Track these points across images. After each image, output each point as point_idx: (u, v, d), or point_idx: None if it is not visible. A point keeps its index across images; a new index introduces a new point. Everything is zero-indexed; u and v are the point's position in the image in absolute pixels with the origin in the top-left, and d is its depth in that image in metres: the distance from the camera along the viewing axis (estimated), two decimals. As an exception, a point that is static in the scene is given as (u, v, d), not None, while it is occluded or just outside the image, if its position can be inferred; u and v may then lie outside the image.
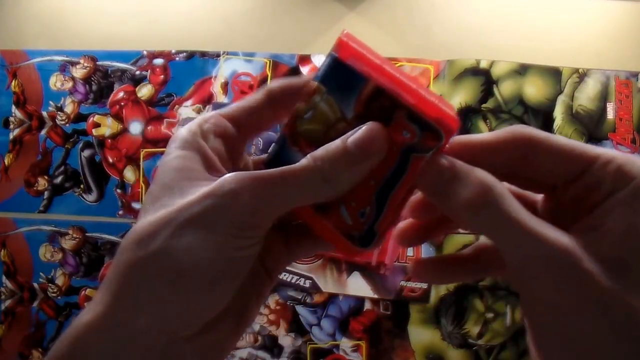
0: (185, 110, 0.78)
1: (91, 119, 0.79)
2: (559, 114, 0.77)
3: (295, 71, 0.79)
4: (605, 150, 0.21)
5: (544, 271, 0.20)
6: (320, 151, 0.23)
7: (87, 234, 0.78)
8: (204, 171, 0.24)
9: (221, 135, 0.26)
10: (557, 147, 0.22)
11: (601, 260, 0.19)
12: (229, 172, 0.23)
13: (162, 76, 0.79)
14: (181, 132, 0.25)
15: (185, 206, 0.22)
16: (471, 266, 0.26)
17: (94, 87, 0.80)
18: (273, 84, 0.27)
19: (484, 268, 0.26)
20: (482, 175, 0.21)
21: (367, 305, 0.75)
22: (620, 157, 0.21)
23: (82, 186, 0.79)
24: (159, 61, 0.79)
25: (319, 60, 0.79)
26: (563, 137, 0.22)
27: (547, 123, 0.77)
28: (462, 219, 0.22)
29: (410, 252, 0.74)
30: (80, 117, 0.79)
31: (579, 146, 0.22)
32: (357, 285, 0.74)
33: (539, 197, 0.25)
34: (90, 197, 0.78)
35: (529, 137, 0.22)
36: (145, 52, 0.80)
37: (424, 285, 0.74)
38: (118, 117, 0.79)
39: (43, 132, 0.79)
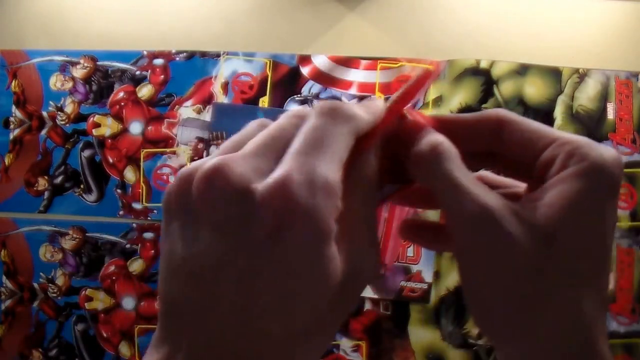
0: (186, 110, 0.78)
1: (91, 119, 0.79)
2: (559, 114, 0.77)
3: (295, 71, 0.79)
4: (567, 134, 0.22)
5: (467, 226, 0.21)
6: None
7: (87, 234, 0.78)
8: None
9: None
10: (526, 127, 0.23)
11: (530, 228, 0.20)
12: None
13: (162, 76, 0.79)
14: (327, 225, 0.19)
15: None
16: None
17: (94, 87, 0.80)
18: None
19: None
20: (436, 135, 0.23)
21: (367, 305, 0.75)
22: (578, 141, 0.21)
23: (82, 186, 0.79)
24: (159, 61, 0.79)
25: (319, 60, 0.79)
26: (535, 121, 0.24)
27: (547, 123, 0.76)
28: (414, 169, 0.23)
29: (410, 252, 0.74)
30: (81, 117, 0.79)
31: (545, 128, 0.23)
32: (357, 286, 0.74)
33: (524, 186, 0.26)
34: (91, 197, 0.78)
35: (502, 117, 0.24)
36: (145, 52, 0.80)
37: (424, 286, 0.74)
38: (118, 117, 0.79)
39: (43, 132, 0.80)
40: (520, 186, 0.26)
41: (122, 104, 0.79)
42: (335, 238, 0.20)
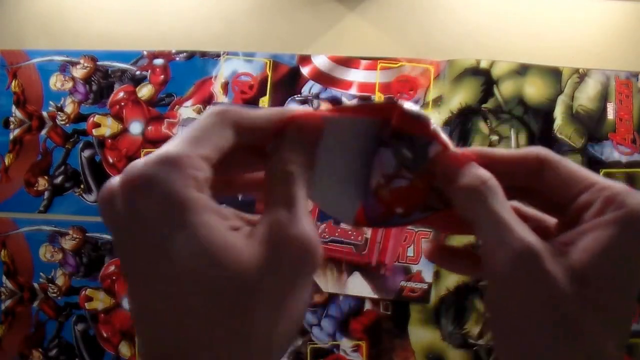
0: (186, 110, 0.78)
1: (91, 119, 0.79)
2: (559, 114, 0.77)
3: (295, 71, 0.79)
4: (606, 180, 0.23)
5: (510, 261, 0.22)
6: None
7: (87, 234, 0.78)
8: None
9: (209, 182, 0.22)
10: (566, 169, 0.24)
11: (566, 269, 0.21)
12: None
13: (162, 76, 0.79)
14: (180, 195, 0.20)
15: None
16: (475, 261, 0.28)
17: (94, 87, 0.80)
18: (228, 111, 0.24)
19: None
20: (483, 171, 0.24)
21: (367, 306, 0.75)
22: (617, 187, 0.22)
23: (82, 186, 0.79)
24: (159, 61, 0.79)
25: (319, 60, 0.79)
26: (574, 162, 0.25)
27: (547, 123, 0.77)
28: (457, 200, 0.24)
29: (410, 252, 0.74)
30: (81, 117, 0.79)
31: (584, 171, 0.24)
32: (357, 285, 0.74)
33: (554, 221, 0.27)
34: (91, 197, 0.78)
35: (544, 157, 0.25)
36: (145, 52, 0.80)
37: (424, 286, 0.74)
38: (118, 117, 0.79)
39: (43, 132, 0.79)
40: (550, 221, 0.26)
41: (122, 104, 0.79)
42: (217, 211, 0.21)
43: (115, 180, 0.21)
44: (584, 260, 0.21)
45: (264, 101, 0.78)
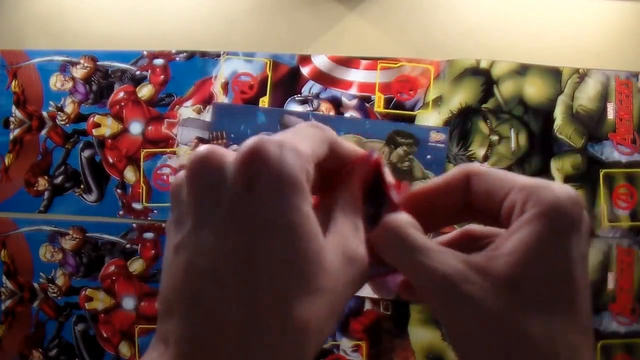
0: (186, 110, 0.78)
1: (91, 119, 0.79)
2: (559, 114, 0.77)
3: (295, 71, 0.79)
4: (526, 179, 0.23)
5: (432, 296, 0.22)
6: None
7: (87, 234, 0.78)
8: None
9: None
10: (490, 177, 0.24)
11: (493, 280, 0.21)
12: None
13: (163, 76, 0.79)
14: (292, 174, 0.21)
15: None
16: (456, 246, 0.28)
17: (94, 87, 0.80)
18: (331, 134, 0.25)
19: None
20: (394, 218, 0.24)
21: (367, 306, 0.75)
22: (534, 185, 0.22)
23: (82, 186, 0.79)
24: (159, 61, 0.79)
25: (319, 60, 0.79)
26: (501, 170, 0.25)
27: (547, 123, 0.77)
28: (386, 257, 0.25)
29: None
30: (81, 117, 0.79)
31: (508, 176, 0.23)
32: (357, 286, 0.74)
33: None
34: (91, 197, 0.78)
35: (468, 171, 0.25)
36: (145, 52, 0.80)
37: (424, 286, 0.74)
38: (118, 117, 0.79)
39: (43, 132, 0.79)
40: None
41: (122, 104, 0.79)
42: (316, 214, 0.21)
43: (221, 151, 0.22)
44: (509, 264, 0.21)
45: (264, 101, 0.78)
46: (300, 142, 0.22)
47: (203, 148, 0.22)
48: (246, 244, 0.20)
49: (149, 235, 0.77)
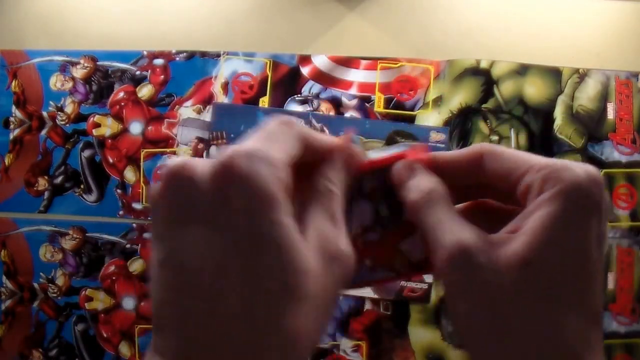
0: (186, 110, 0.78)
1: (91, 119, 0.79)
2: (559, 114, 0.77)
3: (295, 71, 0.79)
4: (543, 159, 0.23)
5: (445, 262, 0.22)
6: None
7: (87, 234, 0.78)
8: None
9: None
10: (505, 157, 0.24)
11: (508, 258, 0.21)
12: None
13: (163, 76, 0.79)
14: (265, 188, 0.20)
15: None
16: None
17: (94, 87, 0.80)
18: (304, 132, 0.24)
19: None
20: (425, 181, 0.25)
21: (367, 306, 0.75)
22: (554, 164, 0.22)
23: (82, 186, 0.79)
24: (159, 61, 0.79)
25: (319, 60, 0.79)
26: (514, 150, 0.24)
27: (547, 123, 0.77)
28: (408, 212, 0.25)
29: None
30: (81, 117, 0.79)
31: (523, 156, 0.23)
32: (357, 286, 0.74)
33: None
34: (91, 197, 0.78)
35: (483, 150, 0.25)
36: (145, 52, 0.80)
37: (424, 286, 0.74)
38: (118, 117, 0.79)
39: (43, 132, 0.79)
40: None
41: (122, 104, 0.79)
42: (293, 215, 0.21)
43: (193, 164, 0.21)
44: (525, 243, 0.21)
45: (264, 101, 0.78)
46: (272, 147, 0.22)
47: (174, 162, 0.21)
48: (227, 262, 0.20)
49: (149, 235, 0.77)
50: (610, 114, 0.77)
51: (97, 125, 0.79)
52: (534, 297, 0.21)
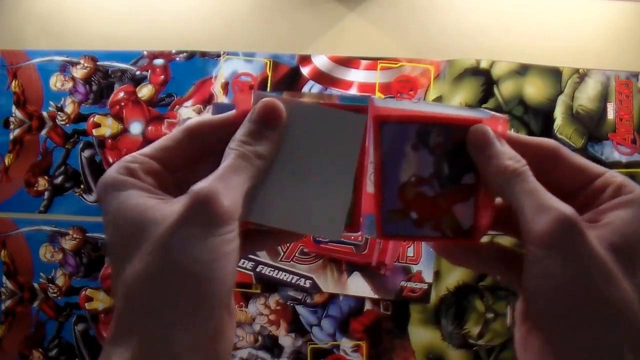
0: (186, 110, 0.78)
1: (91, 119, 0.79)
2: (559, 114, 0.77)
3: (295, 71, 0.79)
4: (611, 171, 0.27)
5: (550, 226, 0.24)
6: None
7: (87, 234, 0.78)
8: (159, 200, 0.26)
9: (150, 173, 0.27)
10: (577, 162, 0.27)
11: (601, 239, 0.24)
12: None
13: (163, 76, 0.79)
14: (109, 178, 0.26)
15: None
16: (486, 256, 0.30)
17: (94, 88, 0.80)
18: (191, 121, 0.28)
19: (494, 263, 0.30)
20: (515, 153, 0.27)
21: (368, 306, 0.75)
22: (622, 177, 0.26)
23: (82, 186, 0.79)
24: (159, 61, 0.79)
25: (319, 60, 0.79)
26: (580, 155, 0.28)
27: (547, 123, 0.77)
28: (496, 181, 0.27)
29: (410, 252, 0.74)
30: (81, 117, 0.79)
31: (592, 164, 0.28)
32: (358, 286, 0.74)
33: None
34: (91, 198, 0.78)
35: (557, 149, 0.28)
36: (145, 52, 0.80)
37: (424, 286, 0.74)
38: (118, 118, 0.79)
39: (43, 132, 0.79)
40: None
41: (122, 104, 0.79)
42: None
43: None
44: (613, 231, 0.24)
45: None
46: (144, 149, 0.28)
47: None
48: (109, 239, 0.26)
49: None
50: (610, 114, 0.77)
51: (97, 125, 0.79)
52: (622, 276, 0.24)
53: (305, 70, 0.79)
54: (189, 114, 0.78)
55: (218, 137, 0.27)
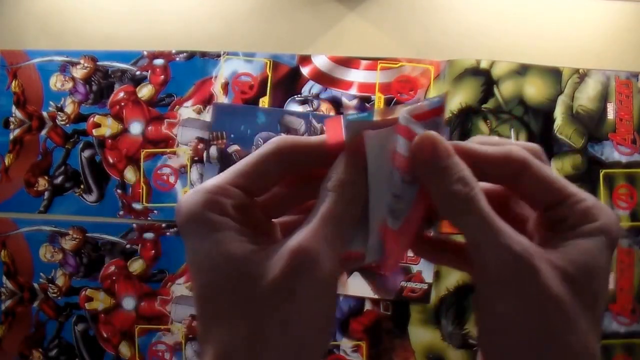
0: (186, 110, 0.78)
1: (91, 119, 0.79)
2: (559, 114, 0.77)
3: (295, 71, 0.79)
4: (579, 191, 0.25)
5: (503, 264, 0.23)
6: None
7: (87, 235, 0.78)
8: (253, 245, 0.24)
9: (240, 208, 0.25)
10: (544, 176, 0.25)
11: (560, 272, 0.23)
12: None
13: (163, 76, 0.79)
14: (198, 214, 0.24)
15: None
16: (459, 254, 0.29)
17: (94, 88, 0.80)
18: (280, 140, 0.25)
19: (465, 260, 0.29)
20: (466, 171, 0.24)
21: (368, 306, 0.75)
22: (590, 200, 0.25)
23: (82, 186, 0.79)
24: (159, 61, 0.79)
25: (319, 60, 0.79)
26: (550, 169, 0.26)
27: (547, 123, 0.77)
28: (442, 203, 0.24)
29: (410, 252, 0.74)
30: (81, 118, 0.79)
31: (561, 181, 0.25)
32: (358, 286, 0.74)
33: (531, 212, 0.28)
34: (91, 198, 0.78)
35: (523, 160, 0.25)
36: (145, 53, 0.80)
37: (425, 286, 0.74)
38: (118, 118, 0.79)
39: (43, 132, 0.79)
40: (527, 213, 0.28)
41: (122, 104, 0.79)
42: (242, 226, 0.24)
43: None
44: (571, 262, 0.23)
45: (264, 101, 0.78)
46: (225, 174, 0.25)
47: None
48: (193, 285, 0.24)
49: (149, 235, 0.77)
50: (611, 114, 0.77)
51: (97, 125, 0.79)
52: (576, 312, 0.23)
53: (305, 71, 0.79)
54: (189, 114, 0.78)
55: (307, 162, 0.26)
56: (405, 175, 0.24)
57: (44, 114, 0.80)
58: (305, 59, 0.79)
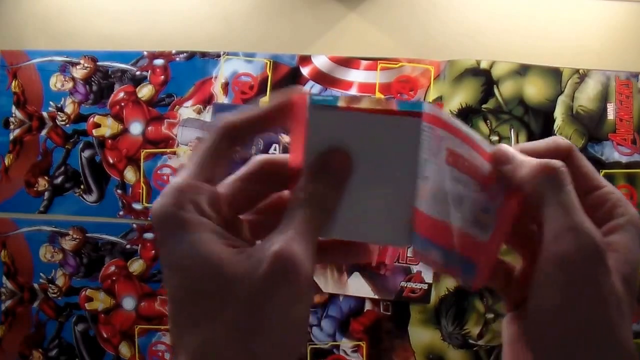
0: (186, 110, 0.78)
1: (91, 119, 0.79)
2: (559, 114, 0.77)
3: (295, 71, 0.79)
4: (611, 185, 0.27)
5: (576, 248, 0.23)
6: None
7: (87, 235, 0.78)
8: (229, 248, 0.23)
9: (214, 205, 0.24)
10: (585, 164, 0.28)
11: (616, 271, 0.24)
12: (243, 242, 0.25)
13: (163, 76, 0.79)
14: (171, 214, 0.23)
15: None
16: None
17: (94, 88, 0.80)
18: (227, 122, 0.25)
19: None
20: (555, 160, 0.26)
21: (368, 306, 0.75)
22: (618, 195, 0.27)
23: (82, 187, 0.79)
24: (159, 61, 0.79)
25: (319, 60, 0.79)
26: (588, 161, 0.28)
27: (547, 123, 0.77)
28: (530, 183, 0.25)
29: (410, 252, 0.74)
30: (81, 118, 0.79)
31: (596, 173, 0.28)
32: (358, 286, 0.74)
33: None
34: (91, 198, 0.78)
35: (570, 147, 0.28)
36: (145, 53, 0.80)
37: (424, 286, 0.74)
38: (118, 118, 0.79)
39: (43, 132, 0.79)
40: None
41: (122, 104, 0.79)
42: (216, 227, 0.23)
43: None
44: (625, 261, 0.24)
45: (265, 101, 0.78)
46: (192, 170, 0.24)
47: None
48: (167, 287, 0.24)
49: (149, 235, 0.77)
50: (611, 115, 0.77)
51: (97, 125, 0.79)
52: (629, 310, 0.24)
53: (305, 71, 0.79)
54: (189, 114, 0.78)
55: (252, 132, 0.26)
56: (476, 181, 0.26)
57: (44, 114, 0.80)
58: (306, 59, 0.79)
